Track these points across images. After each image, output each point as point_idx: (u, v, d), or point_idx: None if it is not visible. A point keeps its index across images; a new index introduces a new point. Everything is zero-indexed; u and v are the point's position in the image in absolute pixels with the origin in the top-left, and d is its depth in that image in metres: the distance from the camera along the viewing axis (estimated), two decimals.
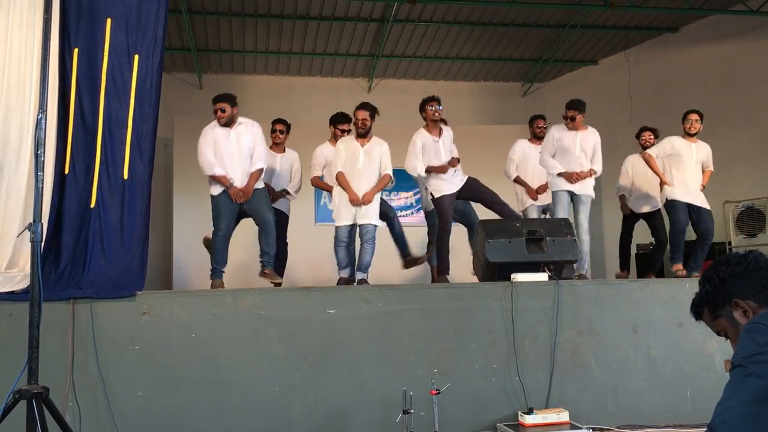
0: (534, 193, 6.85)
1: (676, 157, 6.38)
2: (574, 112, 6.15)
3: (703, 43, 10.26)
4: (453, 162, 6.11)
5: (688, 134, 6.42)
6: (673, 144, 6.43)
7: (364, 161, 5.99)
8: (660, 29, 10.60)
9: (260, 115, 6.55)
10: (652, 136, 7.06)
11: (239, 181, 5.54)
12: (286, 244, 6.49)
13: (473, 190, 6.16)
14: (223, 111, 5.52)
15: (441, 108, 6.09)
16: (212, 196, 5.60)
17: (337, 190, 6.08)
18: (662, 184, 6.43)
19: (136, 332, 4.31)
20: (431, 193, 6.12)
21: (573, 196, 6.13)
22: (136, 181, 4.45)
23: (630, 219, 7.19)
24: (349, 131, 6.42)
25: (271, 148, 6.37)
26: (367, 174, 5.98)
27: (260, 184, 5.70)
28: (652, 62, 10.82)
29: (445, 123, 6.35)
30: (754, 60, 9.60)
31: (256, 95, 10.60)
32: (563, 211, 6.06)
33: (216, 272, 5.58)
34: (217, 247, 5.57)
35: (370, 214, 5.97)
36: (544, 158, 6.26)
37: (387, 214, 6.35)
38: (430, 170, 6.04)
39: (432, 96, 6.18)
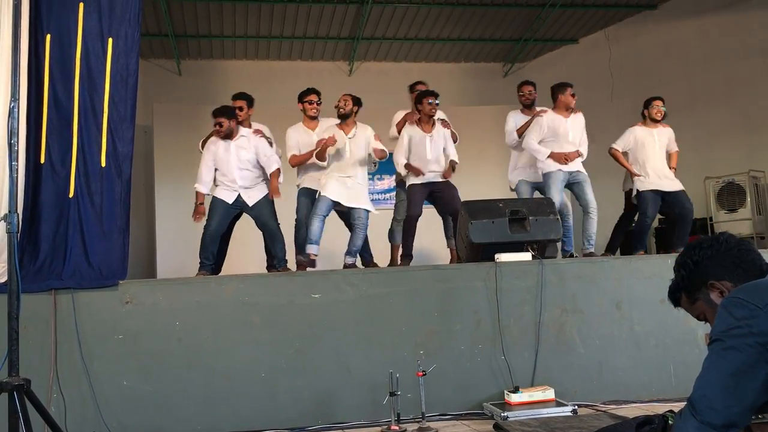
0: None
1: (640, 146, 6.28)
2: (573, 90, 6.07)
3: (682, 19, 10.27)
4: (447, 173, 5.96)
5: (653, 120, 6.30)
6: (635, 135, 6.32)
7: (351, 150, 5.78)
8: (639, 6, 10.59)
9: None
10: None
11: (244, 190, 5.52)
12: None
13: (444, 198, 6.01)
14: (221, 125, 5.47)
15: (438, 102, 5.93)
16: (213, 195, 5.64)
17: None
18: (632, 176, 6.30)
19: (119, 321, 4.27)
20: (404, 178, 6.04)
21: (570, 179, 5.99)
22: (114, 168, 4.37)
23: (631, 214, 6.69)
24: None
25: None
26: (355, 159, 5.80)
27: (263, 192, 5.60)
28: (632, 40, 10.83)
29: (447, 124, 6.17)
30: (734, 35, 9.64)
31: (236, 80, 10.46)
32: (558, 193, 5.88)
33: (203, 265, 5.52)
34: (204, 242, 5.51)
35: (361, 198, 5.75)
36: (531, 144, 6.04)
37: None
38: (407, 167, 5.88)
39: (430, 90, 6.03)
